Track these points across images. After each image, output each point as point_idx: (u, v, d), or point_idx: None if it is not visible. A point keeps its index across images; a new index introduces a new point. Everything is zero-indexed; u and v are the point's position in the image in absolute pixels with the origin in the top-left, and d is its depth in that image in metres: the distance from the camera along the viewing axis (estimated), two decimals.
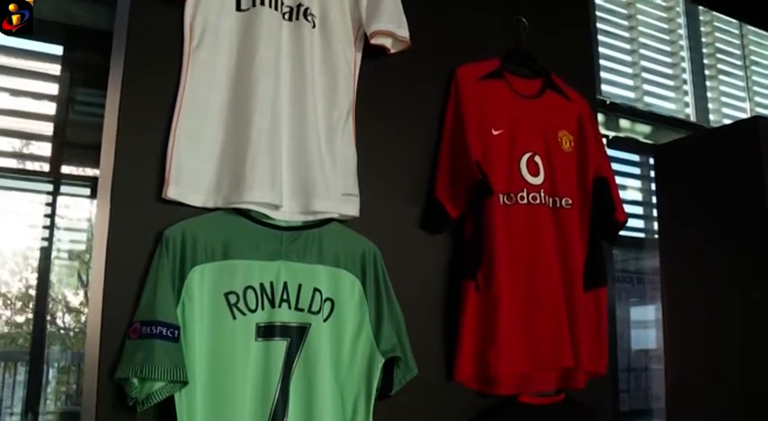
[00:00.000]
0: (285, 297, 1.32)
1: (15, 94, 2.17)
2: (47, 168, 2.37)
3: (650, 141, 2.95)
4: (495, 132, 1.62)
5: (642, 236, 3.01)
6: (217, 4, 1.40)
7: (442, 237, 1.60)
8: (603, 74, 2.91)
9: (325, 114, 1.44)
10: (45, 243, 2.40)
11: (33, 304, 2.49)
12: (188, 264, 1.26)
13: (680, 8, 3.25)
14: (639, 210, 3.05)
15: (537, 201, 1.62)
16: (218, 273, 1.28)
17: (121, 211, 1.27)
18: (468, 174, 1.53)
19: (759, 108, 3.47)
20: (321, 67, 1.47)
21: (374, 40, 1.51)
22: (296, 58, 1.43)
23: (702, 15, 3.35)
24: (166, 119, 1.33)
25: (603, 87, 2.88)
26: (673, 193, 2.38)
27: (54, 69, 2.20)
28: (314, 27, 1.48)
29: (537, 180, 1.63)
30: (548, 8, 1.94)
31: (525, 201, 1.60)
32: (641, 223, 3.04)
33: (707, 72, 3.32)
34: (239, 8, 1.42)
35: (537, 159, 1.65)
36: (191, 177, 1.31)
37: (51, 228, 2.43)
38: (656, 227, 2.59)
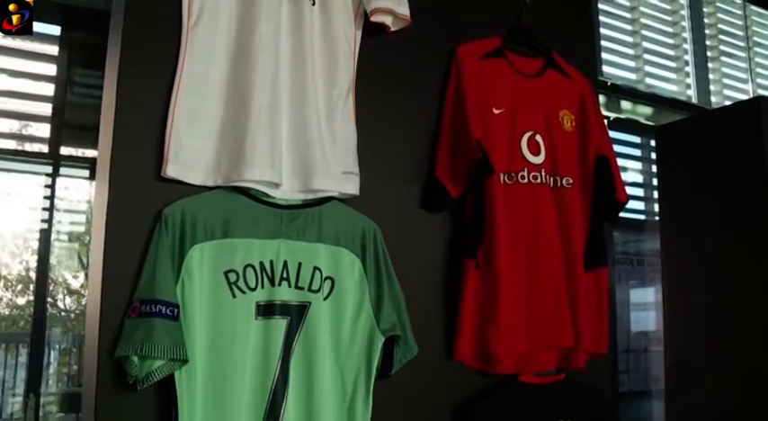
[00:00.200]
0: (285, 275, 1.32)
1: (13, 75, 2.16)
2: (46, 150, 2.36)
3: (651, 123, 2.94)
4: (496, 111, 1.61)
5: (643, 218, 3.01)
6: None
7: (442, 216, 1.60)
8: (605, 55, 2.89)
9: (325, 92, 1.43)
10: (45, 225, 2.39)
11: (34, 286, 2.50)
12: (187, 242, 1.26)
13: None
14: (640, 192, 3.04)
15: (538, 181, 1.61)
16: (217, 251, 1.28)
17: (120, 190, 1.27)
18: (469, 153, 1.52)
19: (761, 90, 3.46)
20: (321, 45, 1.46)
21: (374, 18, 1.50)
22: (295, 36, 1.42)
23: None
24: (165, 97, 1.32)
25: (605, 68, 2.86)
26: (674, 175, 2.37)
27: (52, 50, 2.18)
28: (314, 4, 1.46)
29: (538, 159, 1.63)
30: None
31: (526, 181, 1.60)
32: (642, 205, 3.03)
33: (709, 53, 3.29)
34: None
35: (538, 138, 1.64)
36: (190, 155, 1.30)
37: (51, 209, 2.42)
38: (656, 209, 2.59)
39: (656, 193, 2.64)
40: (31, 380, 2.45)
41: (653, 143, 2.70)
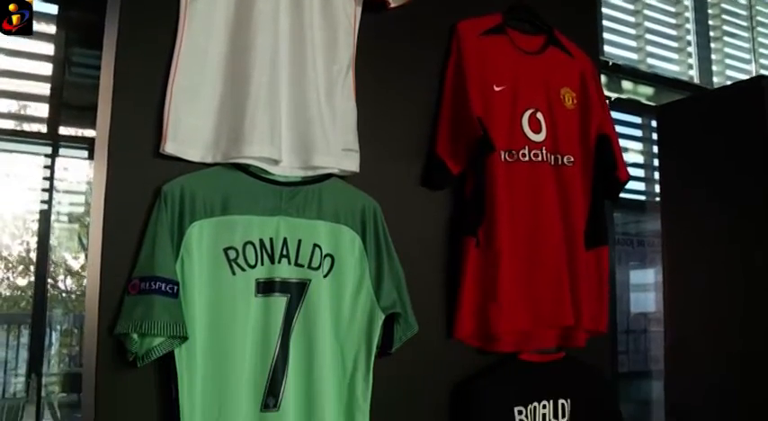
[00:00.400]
0: (285, 252, 1.31)
1: (10, 54, 2.15)
2: (45, 130, 2.35)
3: (653, 103, 2.93)
4: (497, 88, 1.59)
5: (643, 198, 3.01)
6: None
7: (442, 193, 1.59)
8: (606, 35, 2.87)
9: (325, 69, 1.42)
10: (44, 206, 2.39)
11: (34, 267, 2.50)
12: (187, 219, 1.25)
13: None
14: (641, 173, 3.03)
15: (539, 159, 1.60)
16: (217, 228, 1.27)
17: (119, 167, 1.26)
18: (470, 131, 1.51)
19: (764, 70, 3.44)
20: (320, 21, 1.44)
21: None
22: (295, 12, 1.40)
23: None
24: (163, 73, 1.30)
25: (606, 48, 2.85)
26: (675, 154, 2.36)
27: (49, 29, 2.17)
28: None
29: (539, 137, 1.62)
30: None
31: (527, 159, 1.59)
32: (642, 186, 3.03)
33: (711, 33, 3.27)
34: None
35: (539, 116, 1.63)
36: (189, 132, 1.29)
37: (50, 190, 2.42)
38: (657, 189, 2.58)
39: (656, 174, 2.63)
40: (33, 361, 2.46)
41: (654, 123, 2.69)
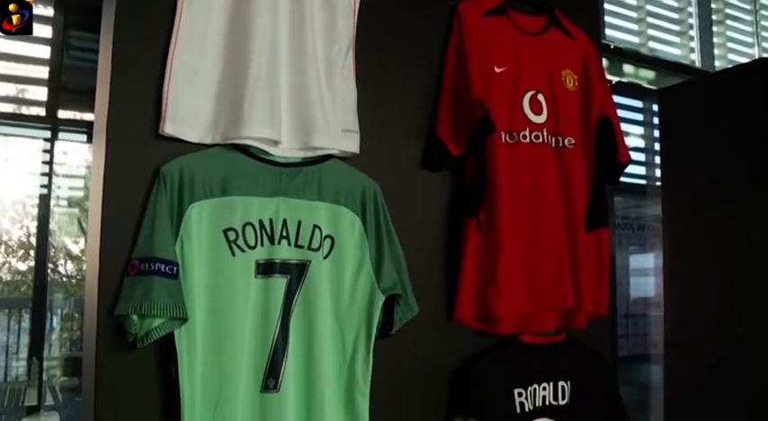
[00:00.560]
0: (285, 234, 1.31)
1: (7, 37, 2.13)
2: (43, 114, 2.34)
3: (654, 87, 2.91)
4: (498, 70, 1.58)
5: (644, 183, 3.00)
6: None
7: (442, 175, 1.58)
8: (608, 18, 2.85)
9: (325, 49, 1.41)
10: (44, 190, 2.38)
11: (34, 252, 2.50)
12: (186, 200, 1.25)
13: None
14: (641, 157, 3.03)
15: (539, 141, 1.60)
16: (216, 209, 1.26)
17: (117, 148, 1.25)
18: (470, 112, 1.50)
19: (766, 53, 3.42)
20: (320, 2, 1.43)
21: None
22: None
23: None
24: (162, 55, 1.29)
25: (607, 31, 2.83)
26: (677, 138, 2.35)
27: (47, 12, 2.15)
28: None
29: (540, 119, 1.61)
30: None
31: (528, 140, 1.58)
32: (643, 170, 3.02)
33: (714, 16, 3.25)
34: None
35: (540, 98, 1.62)
36: (188, 113, 1.28)
37: (50, 175, 2.41)
38: (657, 174, 2.57)
39: (657, 159, 2.62)
40: (34, 345, 2.46)
41: (655, 107, 2.67)
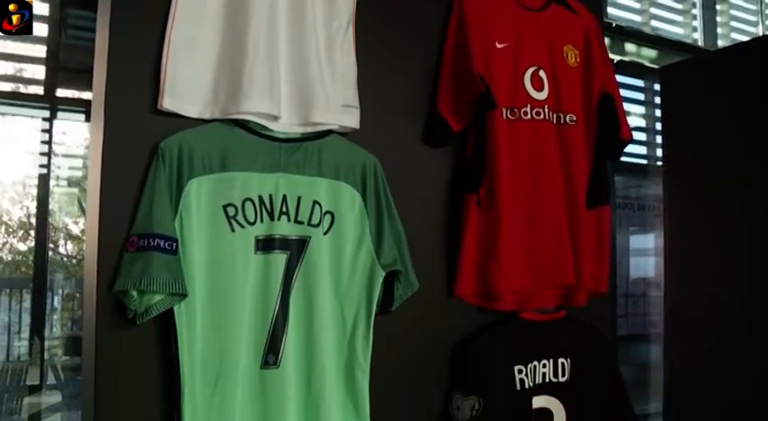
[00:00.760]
0: (284, 209, 1.31)
1: None
2: (41, 93, 2.33)
3: (656, 66, 2.90)
4: (499, 45, 1.57)
5: (645, 162, 2.99)
6: None
7: (443, 151, 1.57)
8: None
9: (325, 24, 1.39)
10: (44, 170, 2.38)
11: (34, 232, 2.50)
12: (185, 176, 1.24)
13: None
14: (643, 137, 3.02)
15: (541, 117, 1.58)
16: (215, 185, 1.26)
17: (116, 124, 1.24)
18: (471, 87, 1.49)
19: None
20: None
21: None
22: None
23: None
24: (160, 30, 1.28)
25: (609, 10, 2.81)
26: (678, 116, 2.33)
27: None
28: None
29: (541, 95, 1.60)
30: None
31: (529, 117, 1.57)
32: (644, 150, 3.01)
33: None
34: None
35: (541, 74, 1.61)
36: (186, 88, 1.27)
37: (49, 154, 2.41)
38: (658, 153, 2.56)
39: (658, 138, 2.61)
40: (35, 324, 2.47)
41: (657, 87, 2.66)
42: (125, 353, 1.22)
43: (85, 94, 2.33)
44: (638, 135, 2.97)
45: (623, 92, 2.67)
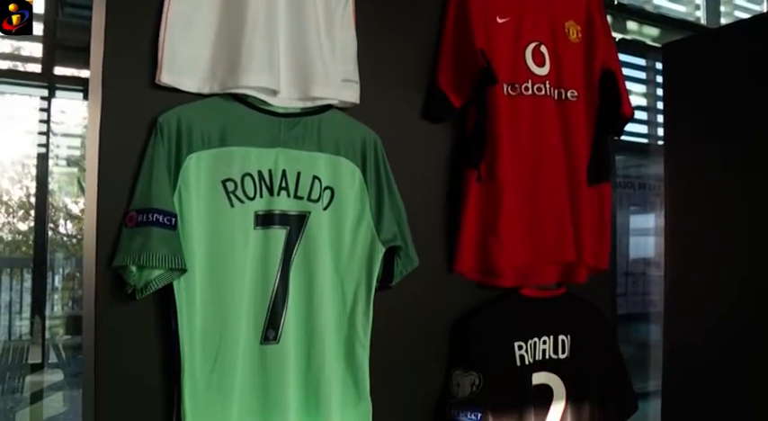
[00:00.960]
0: (284, 185, 1.30)
1: None
2: (39, 70, 2.32)
3: (658, 44, 2.87)
4: (500, 20, 1.55)
5: (646, 141, 2.98)
6: None
7: (444, 126, 1.56)
8: None
9: None
10: (42, 149, 2.37)
11: (34, 211, 2.50)
12: (184, 150, 1.23)
13: None
14: (644, 116, 3.00)
15: (542, 93, 1.57)
16: (214, 160, 1.25)
17: (113, 99, 1.23)
18: (472, 62, 1.48)
19: None
20: None
21: None
22: None
23: None
24: (158, 3, 1.26)
25: None
26: (680, 94, 2.31)
27: None
28: None
29: (542, 71, 1.58)
30: None
31: (530, 93, 1.56)
32: (645, 129, 3.00)
33: None
34: None
35: (543, 49, 1.60)
36: (185, 62, 1.26)
37: (47, 133, 2.40)
38: (659, 133, 2.55)
39: (659, 118, 2.60)
40: (36, 304, 2.48)
41: (658, 66, 2.64)
42: (125, 330, 1.22)
43: (84, 73, 2.32)
44: (639, 114, 2.96)
45: (625, 70, 2.65)
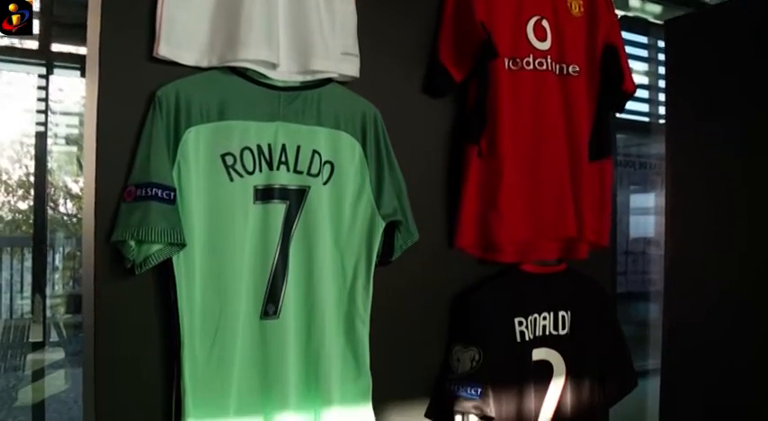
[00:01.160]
0: (283, 159, 1.29)
1: None
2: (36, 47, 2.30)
3: (660, 22, 2.85)
4: None
5: (647, 120, 2.97)
6: None
7: (444, 101, 1.55)
8: None
9: None
10: (41, 128, 2.36)
11: (33, 190, 2.50)
12: (182, 124, 1.22)
13: None
14: (645, 94, 2.99)
15: (543, 68, 1.56)
16: (213, 133, 1.24)
17: (111, 73, 1.22)
18: (473, 36, 1.47)
19: None
20: None
21: None
22: None
23: None
24: None
25: None
26: (683, 71, 2.30)
27: None
28: None
29: (544, 45, 1.57)
30: None
31: (531, 67, 1.55)
32: (646, 107, 2.99)
33: None
34: None
35: (544, 23, 1.58)
36: (183, 35, 1.24)
37: (46, 110, 2.39)
38: (661, 111, 2.54)
39: (661, 96, 2.58)
40: (37, 283, 2.49)
41: (660, 43, 2.62)
42: (124, 306, 1.22)
43: (81, 50, 2.30)
44: (640, 92, 2.94)
45: (626, 48, 2.63)
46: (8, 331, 2.81)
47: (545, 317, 1.59)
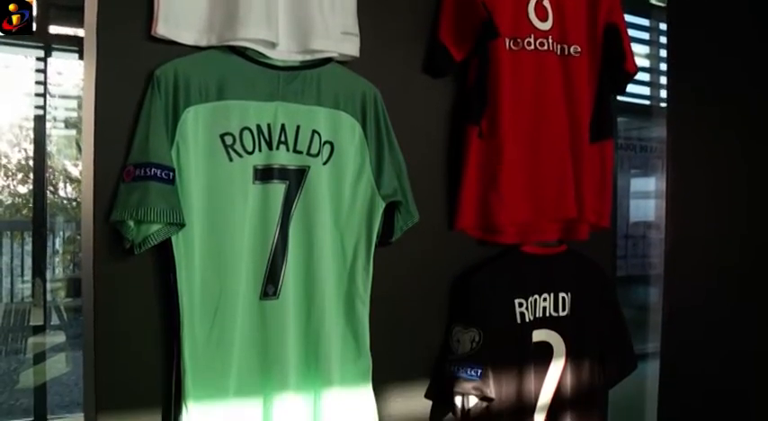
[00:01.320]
0: (283, 139, 1.29)
1: None
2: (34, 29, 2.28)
3: (662, 4, 2.83)
4: None
5: (648, 103, 2.96)
6: None
7: (444, 81, 1.54)
8: None
9: None
10: (40, 111, 2.35)
11: (33, 174, 2.50)
12: (181, 104, 1.21)
13: None
14: (647, 77, 2.97)
15: (544, 48, 1.55)
16: (212, 113, 1.24)
17: (109, 52, 1.21)
18: (474, 15, 1.46)
19: None
20: None
21: None
22: None
23: None
24: None
25: None
26: (684, 54, 2.28)
27: None
28: None
29: (545, 25, 1.56)
30: None
31: (532, 47, 1.53)
32: (647, 90, 2.98)
33: None
34: None
35: (545, 3, 1.56)
36: (181, 13, 1.23)
37: (45, 93, 2.38)
38: (662, 94, 2.52)
39: (662, 79, 2.57)
40: (37, 266, 2.49)
41: (662, 26, 2.60)
42: (124, 287, 1.22)
43: (79, 32, 2.29)
44: (641, 75, 2.93)
45: (628, 31, 2.61)
46: (9, 315, 2.82)
47: (545, 299, 1.59)
